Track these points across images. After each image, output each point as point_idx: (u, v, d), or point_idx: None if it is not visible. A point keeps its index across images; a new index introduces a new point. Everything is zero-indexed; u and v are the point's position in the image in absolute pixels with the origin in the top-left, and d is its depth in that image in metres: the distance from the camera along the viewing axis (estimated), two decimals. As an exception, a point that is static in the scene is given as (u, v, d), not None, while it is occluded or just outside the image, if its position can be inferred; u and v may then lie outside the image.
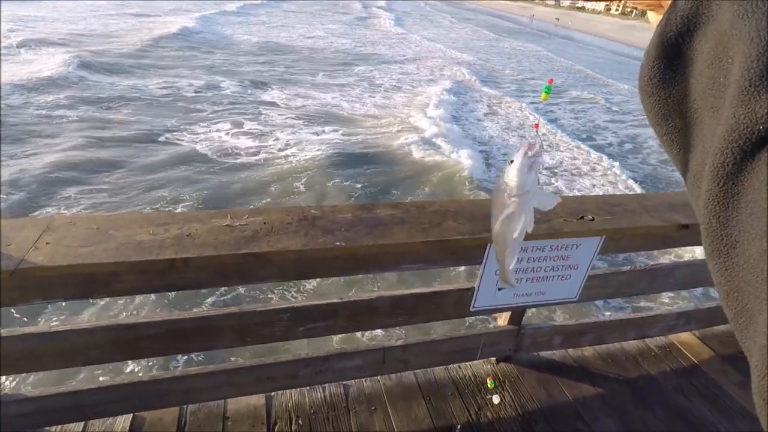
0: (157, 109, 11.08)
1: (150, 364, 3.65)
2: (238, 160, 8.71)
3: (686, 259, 4.86)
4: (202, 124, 10.36)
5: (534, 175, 0.77)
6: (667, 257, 6.21)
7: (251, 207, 6.61)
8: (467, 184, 8.63)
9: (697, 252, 6.13)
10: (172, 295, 4.48)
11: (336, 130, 10.83)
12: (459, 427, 1.82)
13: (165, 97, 12.10)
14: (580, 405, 2.00)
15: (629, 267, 2.10)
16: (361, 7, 47.02)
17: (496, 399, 1.91)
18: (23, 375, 3.23)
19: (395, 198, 7.74)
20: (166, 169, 7.97)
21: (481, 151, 10.64)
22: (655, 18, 0.46)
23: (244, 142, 9.60)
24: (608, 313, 4.92)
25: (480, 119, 13.40)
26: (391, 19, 39.50)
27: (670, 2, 0.37)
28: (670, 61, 0.37)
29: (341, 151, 9.46)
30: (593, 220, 1.65)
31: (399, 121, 12.04)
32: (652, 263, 2.26)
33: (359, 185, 8.08)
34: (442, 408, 1.90)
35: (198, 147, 9.06)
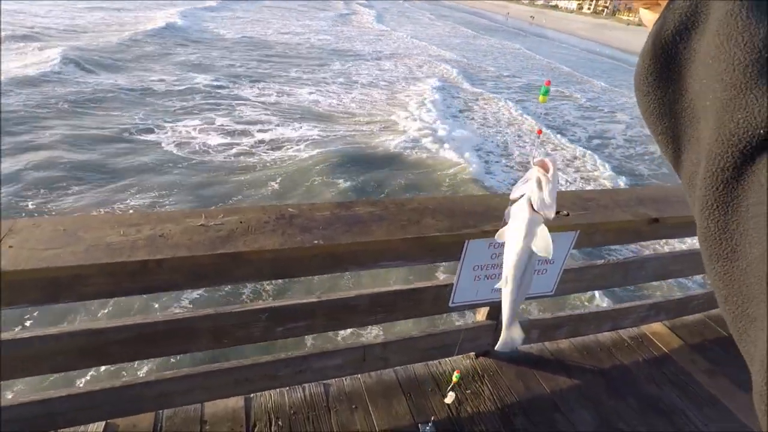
0: (131, 106, 10.75)
1: (121, 369, 3.57)
2: (210, 157, 8.52)
3: (657, 252, 5.01)
4: (183, 121, 10.10)
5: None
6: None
7: (226, 206, 6.52)
8: (450, 180, 8.70)
9: (668, 245, 6.33)
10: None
11: (330, 129, 10.74)
12: (431, 422, 1.83)
13: (144, 92, 11.75)
14: (557, 397, 2.04)
15: (603, 261, 2.15)
16: (343, 5, 46.66)
17: (449, 398, 1.88)
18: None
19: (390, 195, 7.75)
20: (138, 168, 7.74)
21: (473, 147, 10.71)
22: (650, 16, 0.45)
23: (230, 139, 9.42)
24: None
25: (465, 116, 13.49)
26: (372, 16, 39.41)
27: (667, 0, 0.37)
28: (667, 60, 0.37)
29: (341, 149, 9.35)
30: (568, 215, 1.68)
31: (383, 120, 12.02)
32: (624, 257, 2.32)
33: (347, 183, 8.03)
34: (422, 404, 1.91)
35: (170, 146, 8.82)
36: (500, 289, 1.80)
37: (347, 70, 17.68)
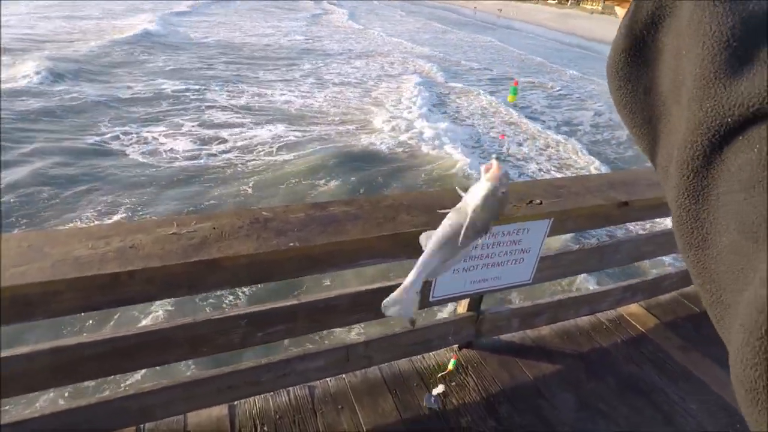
0: (98, 114, 10.41)
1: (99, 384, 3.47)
2: (180, 164, 8.34)
3: (630, 234, 5.14)
4: (152, 126, 9.85)
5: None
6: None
7: (198, 213, 6.40)
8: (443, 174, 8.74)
9: (639, 227, 6.51)
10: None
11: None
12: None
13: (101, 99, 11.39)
14: (540, 383, 2.08)
15: (578, 246, 2.19)
16: (313, 5, 46.19)
17: (440, 388, 1.91)
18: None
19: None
20: (105, 178, 7.51)
21: (463, 141, 10.76)
22: (621, 11, 0.46)
23: (200, 144, 9.21)
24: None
25: (448, 110, 13.56)
26: (345, 15, 39.16)
27: None
28: (637, 55, 0.37)
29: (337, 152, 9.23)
30: (541, 203, 1.71)
31: (366, 118, 11.97)
32: (598, 241, 2.37)
33: (342, 181, 7.96)
34: (408, 400, 1.92)
35: (137, 154, 8.59)
36: (480, 280, 1.82)
37: (332, 69, 17.56)
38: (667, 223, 6.02)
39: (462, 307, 2.11)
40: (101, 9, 26.64)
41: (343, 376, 1.99)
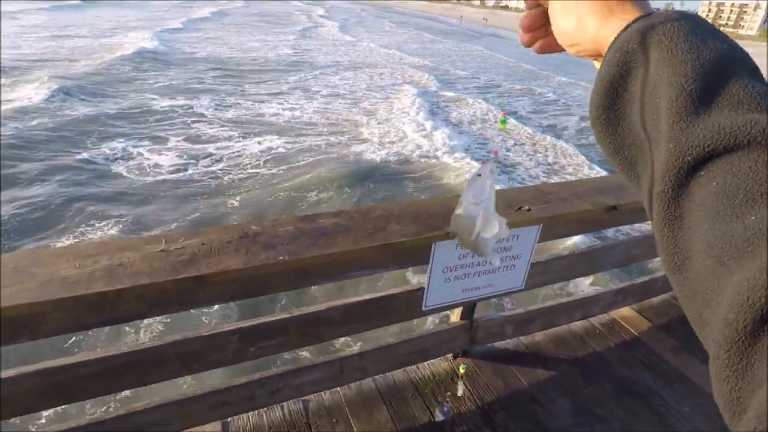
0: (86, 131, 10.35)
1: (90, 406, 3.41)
2: (165, 178, 8.28)
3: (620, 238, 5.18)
4: (145, 143, 9.79)
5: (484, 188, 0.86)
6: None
7: (186, 230, 6.36)
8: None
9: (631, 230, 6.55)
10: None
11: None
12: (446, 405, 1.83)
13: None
14: (535, 389, 2.08)
15: (569, 252, 2.21)
16: (306, 18, 46.45)
17: (460, 390, 1.91)
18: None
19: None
20: (91, 195, 7.43)
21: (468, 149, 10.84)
22: (599, 65, 0.50)
23: (188, 159, 9.16)
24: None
25: (451, 120, 13.67)
26: (336, 27, 39.42)
27: (605, 53, 0.43)
28: (612, 103, 0.42)
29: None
30: (530, 210, 1.72)
31: (371, 129, 12.00)
32: (589, 246, 2.39)
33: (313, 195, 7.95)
34: (403, 411, 1.91)
35: (123, 169, 8.53)
36: (472, 288, 1.82)
37: (332, 81, 17.65)
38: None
39: (455, 315, 2.10)
40: (92, 27, 26.52)
41: (338, 389, 1.97)
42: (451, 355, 2.21)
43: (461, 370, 1.76)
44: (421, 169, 9.47)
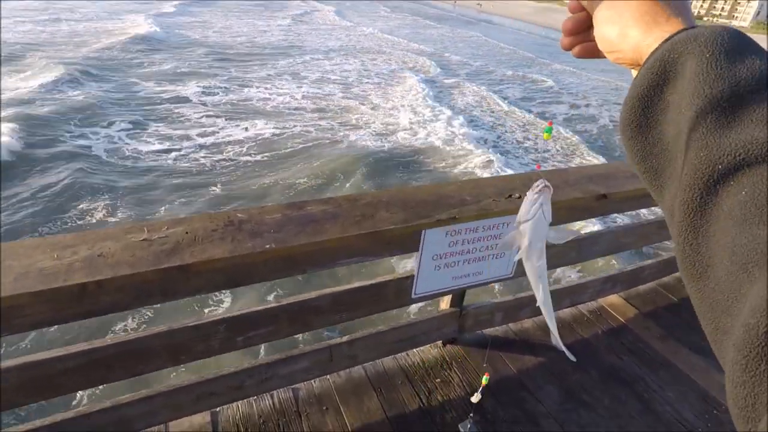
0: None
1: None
2: (149, 163, 8.12)
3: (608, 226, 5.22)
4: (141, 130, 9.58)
5: (537, 208, 0.80)
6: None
7: (170, 217, 6.28)
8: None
9: (618, 219, 6.61)
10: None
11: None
12: (471, 419, 1.82)
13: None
14: (524, 376, 2.09)
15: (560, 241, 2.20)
16: (301, 2, 45.38)
17: (475, 398, 1.85)
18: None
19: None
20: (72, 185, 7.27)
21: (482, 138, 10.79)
22: (636, 74, 0.51)
23: (172, 143, 8.98)
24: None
25: (451, 104, 13.60)
26: (332, 12, 38.62)
27: (644, 61, 0.44)
28: (645, 110, 0.43)
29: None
30: (520, 197, 1.71)
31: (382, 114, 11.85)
32: (577, 234, 2.39)
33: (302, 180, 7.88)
34: (393, 398, 1.91)
35: (102, 152, 8.33)
36: (462, 275, 1.82)
37: (335, 66, 17.35)
38: (645, 214, 6.14)
39: (445, 303, 2.10)
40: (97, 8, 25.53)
41: (328, 376, 1.97)
42: (441, 342, 2.22)
43: (484, 381, 1.70)
44: (434, 157, 9.43)
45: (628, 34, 0.48)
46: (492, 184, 1.85)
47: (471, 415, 1.83)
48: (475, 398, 1.80)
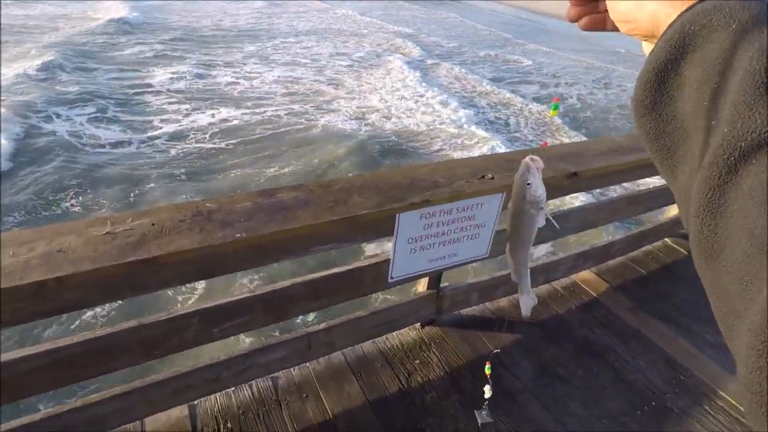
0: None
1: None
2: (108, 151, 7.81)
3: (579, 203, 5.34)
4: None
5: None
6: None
7: (135, 209, 6.09)
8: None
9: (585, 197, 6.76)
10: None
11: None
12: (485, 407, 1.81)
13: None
14: (501, 353, 2.14)
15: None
16: None
17: (487, 392, 1.80)
18: None
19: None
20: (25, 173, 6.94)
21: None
22: (647, 47, 0.49)
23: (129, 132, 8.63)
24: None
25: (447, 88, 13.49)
26: None
27: (662, 33, 0.41)
28: (660, 86, 0.41)
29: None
30: (493, 178, 1.72)
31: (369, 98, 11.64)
32: (550, 212, 2.43)
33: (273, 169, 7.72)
34: (373, 381, 1.92)
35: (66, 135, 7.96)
36: (438, 258, 1.82)
37: (328, 49, 16.88)
38: (614, 191, 6.30)
39: (422, 285, 2.11)
40: None
41: (307, 364, 1.96)
42: (419, 324, 2.24)
43: (487, 371, 1.71)
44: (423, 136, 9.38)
45: (645, 3, 0.45)
46: (465, 165, 1.85)
47: (485, 404, 1.82)
48: (487, 392, 1.79)
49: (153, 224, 1.30)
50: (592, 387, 2.02)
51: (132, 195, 6.68)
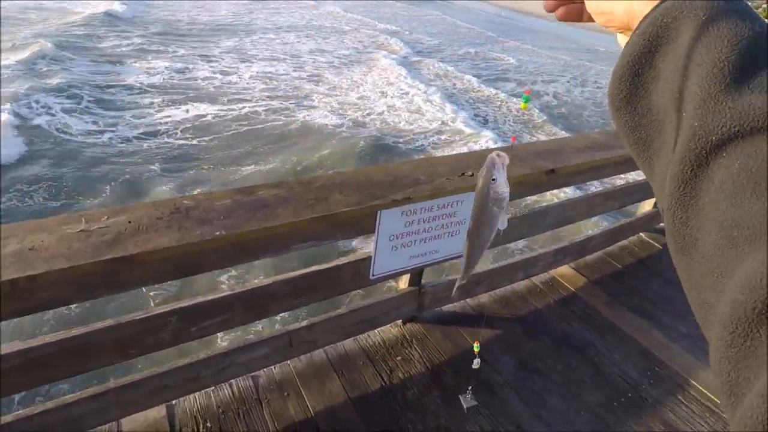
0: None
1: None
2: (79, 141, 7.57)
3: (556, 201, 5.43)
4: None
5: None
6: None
7: (109, 207, 5.93)
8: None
9: (567, 192, 6.87)
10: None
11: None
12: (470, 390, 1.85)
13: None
14: (482, 348, 2.15)
15: (510, 215, 2.26)
16: None
17: (476, 364, 1.85)
18: None
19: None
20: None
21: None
22: (623, 39, 0.49)
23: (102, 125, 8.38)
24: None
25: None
26: None
27: (636, 26, 0.41)
28: (635, 78, 0.41)
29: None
30: (473, 175, 1.74)
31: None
32: (528, 209, 2.47)
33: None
34: (355, 379, 1.92)
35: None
36: (419, 255, 1.83)
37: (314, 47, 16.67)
38: (592, 187, 6.42)
39: (403, 282, 2.12)
40: None
41: (288, 362, 1.95)
42: (401, 321, 2.25)
43: (476, 349, 1.72)
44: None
45: None
46: (445, 162, 1.87)
47: (470, 387, 1.86)
48: (475, 364, 1.82)
49: (129, 222, 1.27)
50: (570, 381, 2.07)
51: (105, 191, 6.50)
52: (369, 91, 12.29)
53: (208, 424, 1.69)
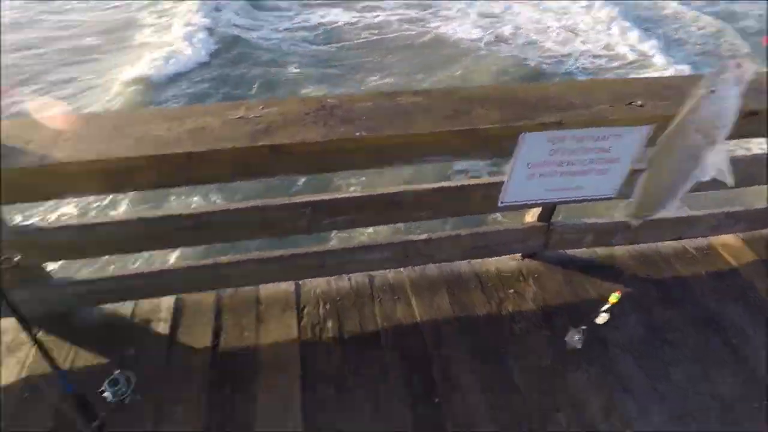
0: None
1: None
2: None
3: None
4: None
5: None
6: None
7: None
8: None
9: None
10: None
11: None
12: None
13: None
14: (605, 302, 2.00)
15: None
16: None
17: (602, 318, 1.81)
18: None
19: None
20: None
21: None
22: None
23: None
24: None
25: None
26: None
27: None
28: None
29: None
30: (642, 105, 1.47)
31: None
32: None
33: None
34: (463, 300, 1.95)
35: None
36: (556, 189, 1.68)
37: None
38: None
39: (531, 215, 2.00)
40: None
41: (402, 270, 2.04)
42: (520, 255, 2.16)
43: (613, 299, 1.63)
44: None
45: None
46: (606, 87, 1.61)
47: (583, 328, 1.79)
48: (601, 318, 1.73)
49: (280, 114, 1.36)
50: (704, 363, 1.83)
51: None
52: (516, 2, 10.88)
53: (327, 306, 1.89)
